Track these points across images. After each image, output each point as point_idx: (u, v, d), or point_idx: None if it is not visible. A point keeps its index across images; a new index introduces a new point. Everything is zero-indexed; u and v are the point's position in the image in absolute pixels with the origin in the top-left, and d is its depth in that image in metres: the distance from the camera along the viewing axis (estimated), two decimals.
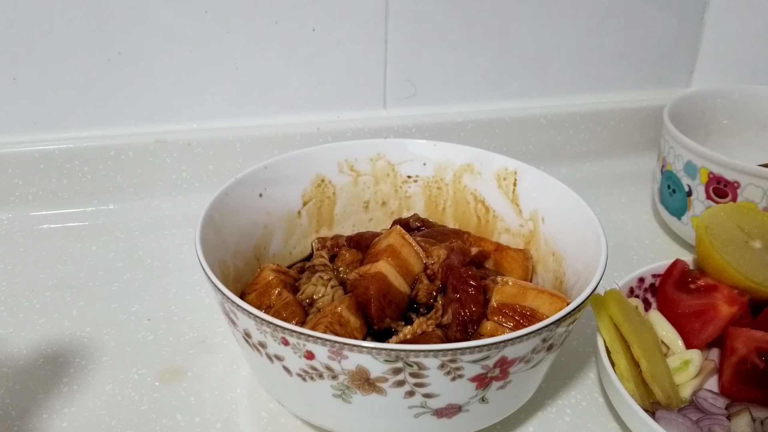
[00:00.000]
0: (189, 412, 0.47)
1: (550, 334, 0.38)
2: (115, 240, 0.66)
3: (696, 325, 0.49)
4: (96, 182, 0.69)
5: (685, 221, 0.63)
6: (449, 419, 0.39)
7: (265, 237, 0.53)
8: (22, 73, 0.65)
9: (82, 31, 0.64)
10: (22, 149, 0.67)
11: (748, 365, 0.46)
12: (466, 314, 0.44)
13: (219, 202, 0.48)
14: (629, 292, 0.52)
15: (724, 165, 0.58)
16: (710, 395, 0.46)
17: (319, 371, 0.37)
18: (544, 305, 0.43)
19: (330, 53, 0.71)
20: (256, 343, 0.39)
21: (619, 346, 0.45)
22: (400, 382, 0.36)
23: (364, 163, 0.57)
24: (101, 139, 0.68)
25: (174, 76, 0.68)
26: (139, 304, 0.57)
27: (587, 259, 0.45)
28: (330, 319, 0.42)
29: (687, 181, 0.62)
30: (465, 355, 0.35)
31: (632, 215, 0.72)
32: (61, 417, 0.46)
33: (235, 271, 0.49)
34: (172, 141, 0.70)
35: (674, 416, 0.44)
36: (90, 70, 0.66)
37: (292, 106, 0.73)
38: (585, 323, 0.53)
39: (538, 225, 0.53)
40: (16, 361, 0.51)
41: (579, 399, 0.49)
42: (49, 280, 0.60)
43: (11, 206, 0.68)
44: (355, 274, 0.47)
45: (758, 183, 0.57)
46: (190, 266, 0.61)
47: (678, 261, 0.53)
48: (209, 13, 0.66)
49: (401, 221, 0.56)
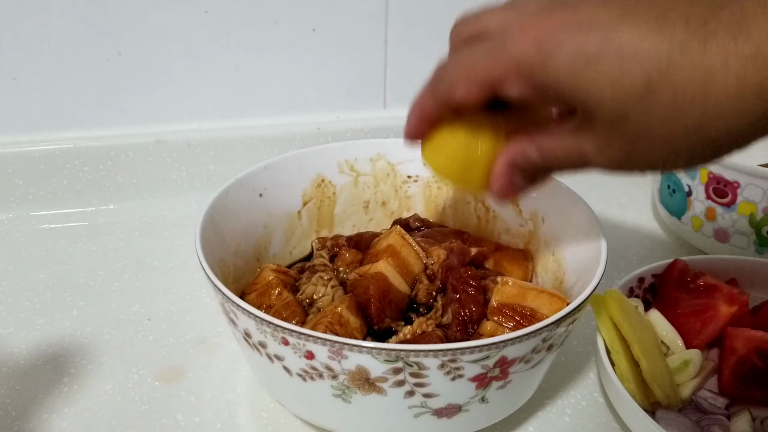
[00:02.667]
0: (189, 412, 0.47)
1: (550, 334, 0.38)
2: (115, 240, 0.66)
3: (696, 324, 0.49)
4: (96, 182, 0.69)
5: (685, 221, 0.63)
6: (449, 419, 0.39)
7: (265, 237, 0.53)
8: (22, 73, 0.65)
9: (82, 31, 0.64)
10: (22, 149, 0.67)
11: (748, 365, 0.46)
12: (466, 314, 0.44)
13: (219, 202, 0.48)
14: (629, 292, 0.52)
15: (724, 165, 0.58)
16: (710, 395, 0.46)
17: (319, 371, 0.37)
18: (544, 305, 0.43)
19: (330, 53, 0.71)
20: (256, 343, 0.39)
21: (619, 346, 0.45)
22: (400, 382, 0.36)
23: (364, 163, 0.57)
24: (101, 139, 0.68)
25: (174, 76, 0.68)
26: (139, 304, 0.57)
27: (587, 259, 0.45)
28: (330, 319, 0.42)
29: (687, 181, 0.62)
30: (465, 355, 0.35)
31: (632, 215, 0.72)
32: (61, 417, 0.46)
33: (235, 271, 0.49)
34: (172, 141, 0.70)
35: (674, 416, 0.44)
36: (90, 70, 0.66)
37: (292, 106, 0.73)
38: (585, 323, 0.53)
39: (538, 225, 0.53)
40: (16, 361, 0.51)
41: (579, 399, 0.49)
42: (49, 280, 0.60)
43: (11, 206, 0.68)
44: (355, 274, 0.47)
45: (758, 183, 0.57)
46: (190, 266, 0.61)
47: (678, 261, 0.53)
48: (209, 13, 0.66)
49: (401, 221, 0.56)
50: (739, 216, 0.59)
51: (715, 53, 0.26)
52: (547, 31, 0.29)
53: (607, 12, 0.28)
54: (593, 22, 0.28)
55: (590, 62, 0.28)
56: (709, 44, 0.26)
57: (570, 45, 0.28)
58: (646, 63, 0.27)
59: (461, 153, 0.32)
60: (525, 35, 0.29)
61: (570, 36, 0.28)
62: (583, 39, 0.28)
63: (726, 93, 0.26)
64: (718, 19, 0.26)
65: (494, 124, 0.32)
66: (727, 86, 0.26)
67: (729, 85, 0.26)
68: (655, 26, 0.27)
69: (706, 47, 0.26)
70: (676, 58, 0.27)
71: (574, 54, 0.28)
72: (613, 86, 0.28)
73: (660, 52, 0.27)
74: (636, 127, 0.28)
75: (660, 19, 0.27)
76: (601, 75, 0.28)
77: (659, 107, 0.27)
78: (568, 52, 0.28)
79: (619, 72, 0.27)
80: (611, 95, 0.28)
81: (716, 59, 0.26)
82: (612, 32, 0.28)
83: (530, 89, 0.30)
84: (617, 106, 0.28)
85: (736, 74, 0.26)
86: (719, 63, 0.26)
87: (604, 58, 0.28)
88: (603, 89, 0.28)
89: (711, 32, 0.26)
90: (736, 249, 0.60)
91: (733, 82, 0.26)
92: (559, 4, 0.29)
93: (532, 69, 0.29)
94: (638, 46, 0.27)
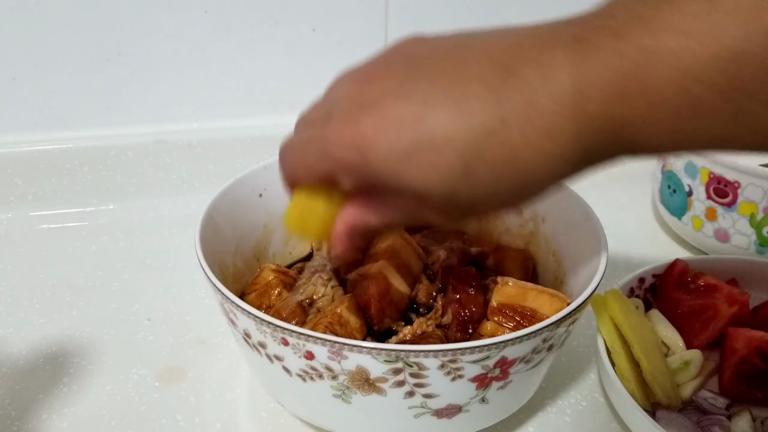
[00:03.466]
0: (189, 412, 0.47)
1: (551, 334, 0.38)
2: (115, 240, 0.66)
3: (696, 325, 0.49)
4: (96, 182, 0.69)
5: (686, 221, 0.63)
6: (449, 419, 0.39)
7: (265, 237, 0.53)
8: (22, 73, 0.65)
9: (82, 31, 0.64)
10: (22, 149, 0.67)
11: (749, 365, 0.46)
12: (466, 314, 0.44)
13: (219, 202, 0.48)
14: (629, 292, 0.52)
15: (725, 165, 0.58)
16: (710, 395, 0.46)
17: (319, 371, 0.37)
18: (545, 305, 0.43)
19: (330, 53, 0.71)
20: (256, 343, 0.39)
21: (620, 346, 0.45)
22: (400, 383, 0.36)
23: None
24: (101, 139, 0.68)
25: (174, 76, 0.68)
26: (139, 304, 0.57)
27: (587, 259, 0.45)
28: (330, 319, 0.42)
29: (687, 181, 0.62)
30: (465, 355, 0.35)
31: (632, 215, 0.72)
32: (61, 417, 0.46)
33: (234, 271, 0.48)
34: (172, 141, 0.70)
35: (674, 416, 0.44)
36: (90, 70, 0.66)
37: (292, 106, 0.73)
38: (585, 323, 0.53)
39: (538, 225, 0.53)
40: (16, 361, 0.51)
41: (579, 399, 0.49)
42: (49, 280, 0.60)
43: (11, 206, 0.68)
44: (355, 274, 0.47)
45: (758, 183, 0.57)
46: (190, 266, 0.61)
47: (678, 261, 0.53)
48: (209, 13, 0.66)
49: None
50: (739, 216, 0.59)
51: (514, 130, 0.28)
52: (361, 135, 0.30)
53: (410, 107, 0.29)
54: (400, 121, 0.29)
55: (407, 156, 0.29)
56: (507, 120, 0.28)
57: (384, 144, 0.30)
58: (458, 146, 0.29)
59: (297, 212, 0.37)
60: (342, 138, 0.31)
61: (383, 137, 0.30)
62: (395, 137, 0.30)
63: (534, 159, 0.29)
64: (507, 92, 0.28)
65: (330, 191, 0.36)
66: (534, 152, 0.28)
67: (536, 150, 0.28)
68: (457, 112, 0.29)
69: (505, 124, 0.28)
70: (481, 139, 0.28)
71: (389, 152, 0.30)
72: (437, 171, 0.29)
73: (467, 135, 0.28)
74: (467, 198, 0.30)
75: (458, 104, 0.29)
76: (420, 164, 0.29)
77: (481, 180, 0.29)
78: (384, 151, 0.30)
79: (437, 158, 0.29)
80: (437, 178, 0.30)
81: (516, 134, 0.28)
82: (420, 126, 0.29)
83: (360, 182, 0.32)
84: (444, 185, 0.30)
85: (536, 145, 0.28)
86: (519, 137, 0.28)
87: (419, 149, 0.29)
88: (428, 175, 0.30)
89: (506, 109, 0.28)
90: (736, 249, 0.60)
91: (538, 146, 0.28)
92: (363, 105, 0.31)
93: (356, 168, 0.31)
94: (446, 134, 0.29)
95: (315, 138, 0.33)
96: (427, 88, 0.29)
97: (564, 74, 0.27)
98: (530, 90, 0.28)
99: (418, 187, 0.30)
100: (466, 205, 0.31)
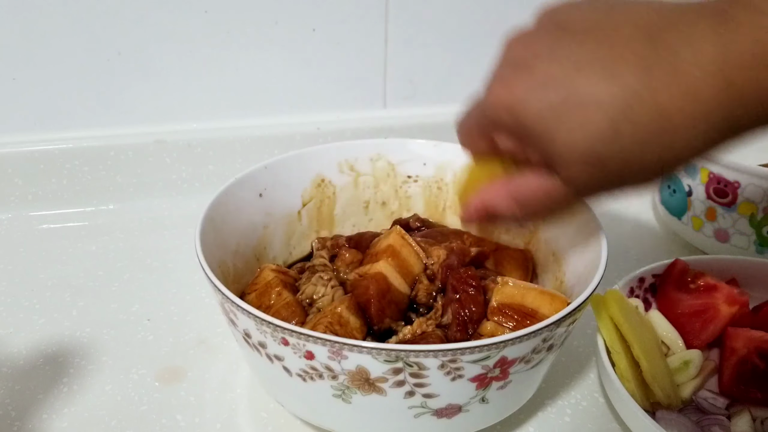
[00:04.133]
0: (189, 412, 0.47)
1: (551, 334, 0.38)
2: (115, 240, 0.66)
3: (696, 324, 0.49)
4: (96, 182, 0.69)
5: (685, 221, 0.63)
6: (449, 419, 0.39)
7: (265, 237, 0.53)
8: (22, 73, 0.65)
9: (82, 31, 0.64)
10: (22, 149, 0.67)
11: (749, 365, 0.46)
12: (466, 314, 0.44)
13: (219, 202, 0.48)
14: (629, 292, 0.52)
15: (725, 165, 0.58)
16: (710, 395, 0.46)
17: (319, 371, 0.37)
18: (545, 305, 0.43)
19: (330, 53, 0.71)
20: (256, 343, 0.39)
21: (620, 346, 0.45)
22: (400, 383, 0.36)
23: (364, 163, 0.57)
24: (101, 139, 0.68)
25: (174, 76, 0.68)
26: (139, 304, 0.57)
27: (587, 259, 0.45)
28: (330, 319, 0.42)
29: (687, 181, 0.62)
30: (465, 355, 0.35)
31: (632, 215, 0.72)
32: (61, 417, 0.46)
33: (235, 271, 0.48)
34: (172, 141, 0.70)
35: (674, 416, 0.44)
36: (90, 70, 0.66)
37: (292, 106, 0.73)
38: (585, 323, 0.53)
39: (539, 225, 0.53)
40: (16, 361, 0.51)
41: (579, 399, 0.49)
42: (49, 280, 0.60)
43: (11, 206, 0.68)
44: (355, 274, 0.47)
45: (758, 183, 0.57)
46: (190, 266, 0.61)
47: (678, 261, 0.53)
48: (209, 13, 0.66)
49: (401, 221, 0.56)
50: (739, 216, 0.59)
51: (663, 95, 0.29)
52: (514, 95, 0.32)
53: (561, 67, 0.31)
54: (551, 81, 0.31)
55: (557, 115, 0.31)
56: (655, 86, 0.29)
57: (535, 103, 0.32)
58: (607, 109, 0.30)
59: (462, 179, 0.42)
60: (497, 99, 0.34)
61: (533, 96, 0.32)
62: (545, 97, 0.31)
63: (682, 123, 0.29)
64: (655, 59, 0.29)
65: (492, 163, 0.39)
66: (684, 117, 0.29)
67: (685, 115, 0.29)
68: (606, 76, 0.30)
69: (654, 89, 0.29)
70: (632, 102, 0.29)
71: (539, 111, 0.32)
72: (584, 131, 0.30)
73: (617, 98, 0.30)
74: (611, 162, 0.31)
75: (608, 68, 0.30)
76: (569, 122, 0.31)
77: (628, 144, 0.30)
78: (535, 110, 0.32)
79: (586, 119, 0.30)
80: (583, 138, 0.31)
81: (665, 99, 0.29)
82: (570, 85, 0.30)
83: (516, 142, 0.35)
84: (588, 146, 0.31)
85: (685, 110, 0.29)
86: (668, 102, 0.29)
87: (568, 108, 0.30)
88: (575, 135, 0.31)
89: (654, 75, 0.29)
90: (736, 249, 0.60)
91: (687, 111, 0.29)
92: (517, 67, 0.33)
93: (509, 128, 0.34)
94: (596, 96, 0.30)
95: (477, 102, 0.36)
96: (578, 51, 0.31)
97: (709, 45, 0.29)
98: (677, 58, 0.29)
99: (564, 147, 0.31)
100: (608, 173, 0.32)
